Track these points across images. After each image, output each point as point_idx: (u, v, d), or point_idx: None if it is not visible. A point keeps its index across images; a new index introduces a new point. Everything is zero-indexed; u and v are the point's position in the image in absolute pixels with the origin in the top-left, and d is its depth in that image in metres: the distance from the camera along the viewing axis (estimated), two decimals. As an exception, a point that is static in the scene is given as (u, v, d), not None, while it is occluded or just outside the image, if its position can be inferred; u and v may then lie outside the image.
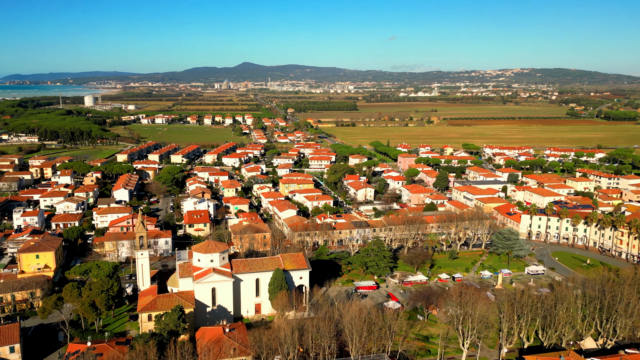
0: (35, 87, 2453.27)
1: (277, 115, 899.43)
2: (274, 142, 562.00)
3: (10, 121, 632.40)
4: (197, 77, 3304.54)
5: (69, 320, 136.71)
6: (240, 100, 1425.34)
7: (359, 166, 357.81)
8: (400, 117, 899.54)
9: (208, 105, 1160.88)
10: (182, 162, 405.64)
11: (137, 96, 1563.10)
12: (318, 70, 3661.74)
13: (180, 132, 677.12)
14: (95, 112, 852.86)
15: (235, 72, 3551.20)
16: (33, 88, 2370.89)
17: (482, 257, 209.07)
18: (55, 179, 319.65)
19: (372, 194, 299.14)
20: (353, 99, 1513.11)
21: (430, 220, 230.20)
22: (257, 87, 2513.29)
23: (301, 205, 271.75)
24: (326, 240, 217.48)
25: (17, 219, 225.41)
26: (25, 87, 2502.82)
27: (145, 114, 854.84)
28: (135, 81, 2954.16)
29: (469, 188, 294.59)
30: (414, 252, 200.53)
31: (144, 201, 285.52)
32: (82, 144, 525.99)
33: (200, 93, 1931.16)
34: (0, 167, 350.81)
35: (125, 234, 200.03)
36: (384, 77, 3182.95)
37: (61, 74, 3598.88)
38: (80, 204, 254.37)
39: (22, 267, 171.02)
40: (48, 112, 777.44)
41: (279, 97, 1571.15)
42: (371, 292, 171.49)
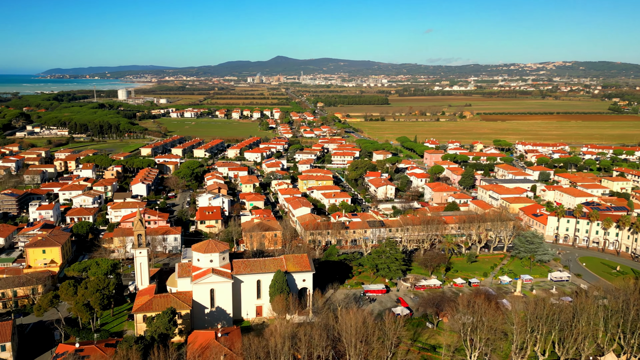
0: (74, 81, 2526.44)
1: (306, 110, 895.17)
2: (300, 137, 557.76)
3: (44, 114, 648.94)
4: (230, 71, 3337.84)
5: (65, 318, 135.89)
6: (271, 94, 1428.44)
7: (381, 162, 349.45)
8: (431, 112, 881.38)
9: (238, 99, 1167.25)
10: (204, 157, 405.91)
11: (170, 90, 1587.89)
12: (352, 63, 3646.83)
13: (208, 126, 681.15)
14: (127, 106, 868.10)
15: (269, 65, 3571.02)
16: (72, 82, 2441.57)
17: (502, 261, 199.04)
18: (77, 173, 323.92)
19: (393, 191, 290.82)
20: (385, 93, 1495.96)
21: (449, 220, 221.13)
22: (290, 81, 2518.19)
23: (318, 203, 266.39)
24: (339, 240, 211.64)
25: (33, 212, 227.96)
26: (65, 81, 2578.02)
27: (175, 107, 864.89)
28: (171, 75, 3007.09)
29: (495, 187, 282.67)
30: (430, 255, 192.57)
31: (162, 196, 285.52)
32: (110, 137, 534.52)
33: (233, 87, 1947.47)
34: (27, 160, 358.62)
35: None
36: (419, 70, 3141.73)
37: (100, 68, 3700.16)
38: (96, 198, 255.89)
39: (29, 262, 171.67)
40: (81, 105, 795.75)
41: (310, 91, 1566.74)
42: (380, 296, 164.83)
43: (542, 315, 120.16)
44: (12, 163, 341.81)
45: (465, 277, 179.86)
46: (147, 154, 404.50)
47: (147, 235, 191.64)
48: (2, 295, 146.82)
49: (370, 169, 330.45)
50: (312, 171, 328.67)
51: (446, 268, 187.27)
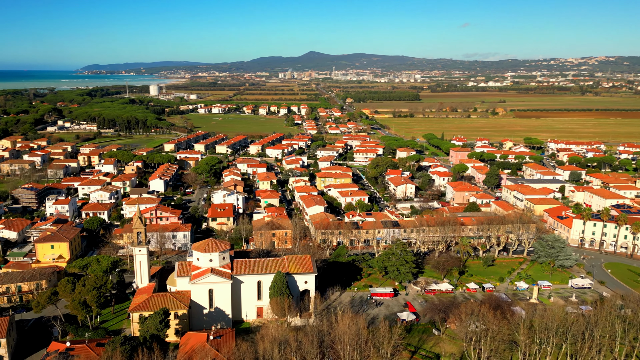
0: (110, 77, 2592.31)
1: (334, 106, 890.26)
2: (324, 134, 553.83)
3: (75, 109, 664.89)
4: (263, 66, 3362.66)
5: (66, 315, 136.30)
6: (301, 90, 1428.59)
7: (403, 160, 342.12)
8: (463, 108, 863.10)
9: (267, 95, 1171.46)
10: (226, 153, 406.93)
11: (202, 86, 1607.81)
12: (385, 59, 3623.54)
13: (234, 121, 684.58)
14: (157, 101, 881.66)
15: (301, 61, 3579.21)
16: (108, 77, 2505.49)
17: (521, 265, 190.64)
18: (99, 168, 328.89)
19: (413, 190, 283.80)
20: (417, 89, 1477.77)
21: (467, 222, 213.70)
22: (321, 77, 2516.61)
23: (334, 201, 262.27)
24: (352, 240, 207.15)
25: (50, 207, 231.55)
26: (101, 77, 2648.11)
27: (204, 103, 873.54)
28: (204, 71, 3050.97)
29: (520, 187, 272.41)
30: (444, 257, 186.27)
31: (179, 192, 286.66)
32: (137, 132, 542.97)
33: (264, 83, 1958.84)
34: (52, 155, 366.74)
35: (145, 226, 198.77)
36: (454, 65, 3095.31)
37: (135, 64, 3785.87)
38: (113, 193, 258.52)
39: (38, 257, 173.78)
40: (112, 100, 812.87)
41: (340, 87, 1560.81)
42: (388, 300, 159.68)
43: (552, 327, 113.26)
44: (38, 157, 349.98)
45: (479, 281, 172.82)
46: (170, 149, 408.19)
47: (157, 231, 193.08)
48: (7, 290, 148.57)
49: (391, 167, 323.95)
50: (332, 168, 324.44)
51: (460, 272, 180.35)
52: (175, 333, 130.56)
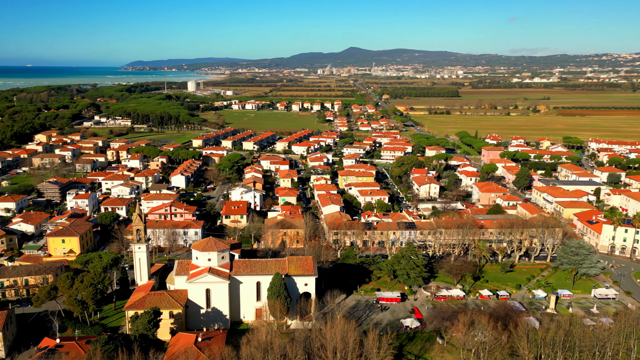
0: (153, 73, 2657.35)
1: (369, 102, 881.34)
2: (355, 130, 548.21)
3: (112, 105, 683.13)
4: (302, 62, 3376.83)
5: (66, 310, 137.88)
6: (338, 86, 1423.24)
7: (429, 159, 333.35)
8: (503, 105, 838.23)
9: (303, 91, 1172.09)
10: (252, 149, 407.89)
11: (240, 82, 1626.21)
12: (427, 54, 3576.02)
13: (266, 118, 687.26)
14: (193, 97, 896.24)
15: (341, 57, 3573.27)
16: (151, 74, 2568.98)
17: (543, 272, 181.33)
18: (125, 163, 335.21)
19: (437, 190, 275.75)
20: (457, 85, 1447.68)
21: (488, 224, 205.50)
22: (360, 73, 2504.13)
23: (354, 200, 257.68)
24: (365, 241, 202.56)
25: (70, 201, 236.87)
26: (144, 73, 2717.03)
27: (239, 99, 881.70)
28: (244, 67, 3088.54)
29: (550, 189, 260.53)
30: (460, 262, 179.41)
31: (201, 188, 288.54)
32: (170, 128, 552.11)
33: (302, 79, 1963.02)
34: (83, 149, 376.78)
35: (156, 222, 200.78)
36: (499, 61, 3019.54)
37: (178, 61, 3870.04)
38: (134, 189, 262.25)
39: (50, 251, 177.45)
40: (149, 96, 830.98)
41: (379, 83, 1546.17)
42: (394, 305, 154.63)
43: (557, 340, 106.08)
44: (69, 152, 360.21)
45: (494, 288, 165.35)
46: (198, 145, 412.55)
47: (168, 228, 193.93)
48: (15, 283, 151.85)
49: (416, 166, 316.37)
50: (355, 166, 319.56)
51: (475, 277, 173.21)
52: (170, 332, 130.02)
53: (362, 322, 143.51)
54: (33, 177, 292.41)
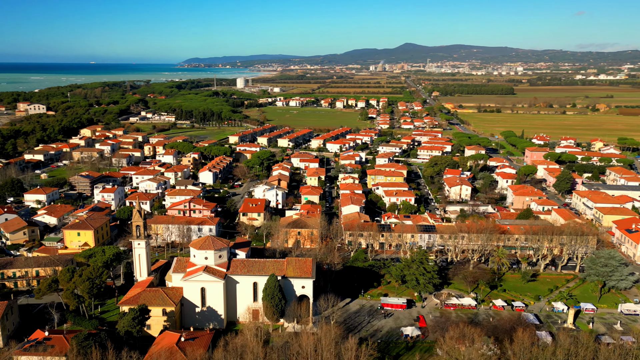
0: (207, 70, 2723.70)
1: (416, 99, 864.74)
2: (396, 128, 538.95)
3: (159, 101, 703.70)
4: (355, 59, 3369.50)
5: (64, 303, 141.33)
6: (388, 83, 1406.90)
7: (464, 159, 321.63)
8: (559, 104, 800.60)
9: (351, 88, 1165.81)
10: (286, 146, 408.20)
11: (290, 79, 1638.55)
12: (486, 50, 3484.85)
13: (309, 115, 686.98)
14: (240, 94, 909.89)
15: (395, 53, 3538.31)
16: (206, 70, 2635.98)
17: (568, 283, 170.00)
18: (159, 158, 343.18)
19: (469, 192, 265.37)
20: (514, 82, 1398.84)
21: (515, 230, 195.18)
22: (414, 69, 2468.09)
23: (379, 200, 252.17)
24: (382, 244, 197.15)
25: (97, 195, 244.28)
26: (199, 70, 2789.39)
27: (284, 96, 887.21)
28: (296, 64, 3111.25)
29: (591, 193, 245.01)
30: (476, 269, 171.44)
31: (228, 184, 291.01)
32: (211, 124, 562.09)
33: (352, 75, 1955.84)
34: (122, 144, 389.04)
35: (173, 218, 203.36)
36: (563, 57, 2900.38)
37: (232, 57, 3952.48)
38: (161, 184, 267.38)
39: (66, 243, 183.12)
40: (197, 93, 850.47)
41: (431, 80, 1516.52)
42: (399, 311, 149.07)
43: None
44: (108, 146, 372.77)
45: (511, 298, 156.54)
46: (235, 141, 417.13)
47: (182, 224, 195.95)
48: (26, 274, 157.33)
49: (451, 166, 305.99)
50: (385, 166, 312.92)
51: (492, 286, 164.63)
52: (163, 329, 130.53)
53: (362, 328, 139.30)
54: (69, 170, 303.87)
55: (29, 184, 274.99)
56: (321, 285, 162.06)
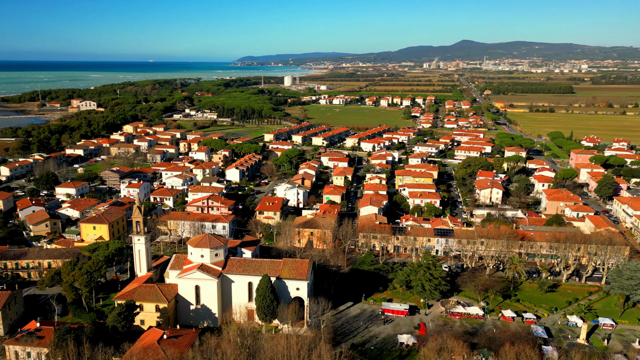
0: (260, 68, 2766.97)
1: (465, 98, 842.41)
2: (439, 127, 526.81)
3: (204, 98, 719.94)
4: (409, 56, 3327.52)
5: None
6: (440, 80, 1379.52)
7: (498, 161, 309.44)
8: (620, 104, 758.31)
9: (400, 86, 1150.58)
10: (322, 145, 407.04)
11: (339, 76, 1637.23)
12: (549, 47, 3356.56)
13: (351, 113, 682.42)
14: (285, 92, 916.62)
15: (451, 50, 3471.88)
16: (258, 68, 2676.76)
17: (591, 295, 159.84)
18: (192, 155, 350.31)
19: (500, 195, 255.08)
20: (575, 81, 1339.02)
21: (539, 237, 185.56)
22: (470, 67, 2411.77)
23: (404, 202, 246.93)
24: (397, 247, 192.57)
25: (123, 190, 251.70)
26: (252, 68, 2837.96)
27: (329, 94, 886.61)
28: (348, 61, 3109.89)
29: (633, 200, 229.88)
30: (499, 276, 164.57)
31: (255, 182, 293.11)
32: (252, 122, 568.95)
33: (404, 73, 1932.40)
34: (160, 140, 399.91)
35: (188, 214, 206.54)
36: (634, 54, 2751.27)
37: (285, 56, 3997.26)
38: (187, 180, 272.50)
39: (82, 236, 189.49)
40: (242, 91, 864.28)
41: (485, 78, 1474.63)
42: (400, 318, 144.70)
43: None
44: (145, 142, 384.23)
45: (523, 309, 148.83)
46: (270, 139, 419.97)
47: (198, 221, 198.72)
48: (39, 265, 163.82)
49: (484, 168, 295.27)
50: (417, 166, 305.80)
51: (505, 295, 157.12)
52: (157, 326, 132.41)
53: (357, 334, 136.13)
54: (104, 165, 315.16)
55: (64, 177, 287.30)
56: (325, 287, 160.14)
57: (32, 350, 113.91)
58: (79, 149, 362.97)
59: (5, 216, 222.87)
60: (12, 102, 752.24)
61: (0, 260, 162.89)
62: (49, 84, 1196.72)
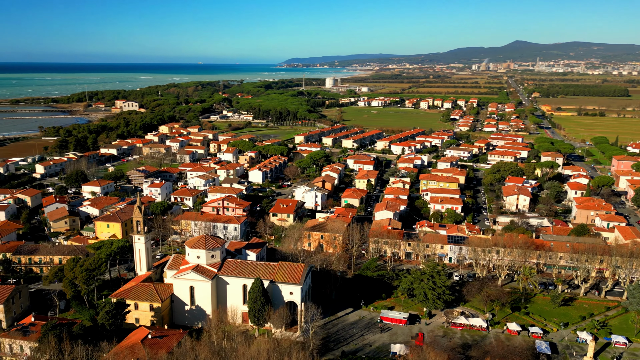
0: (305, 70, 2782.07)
1: (511, 101, 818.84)
2: (477, 131, 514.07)
3: (241, 100, 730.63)
4: (459, 57, 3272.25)
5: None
6: (487, 82, 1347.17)
7: (529, 166, 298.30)
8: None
9: (444, 88, 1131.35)
10: (352, 147, 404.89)
11: (383, 78, 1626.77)
12: (608, 47, 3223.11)
13: (388, 115, 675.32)
14: (324, 94, 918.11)
15: (503, 51, 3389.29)
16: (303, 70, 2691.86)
17: (608, 311, 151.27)
18: (219, 156, 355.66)
19: (527, 202, 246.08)
20: (634, 83, 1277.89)
21: (560, 248, 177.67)
22: (521, 69, 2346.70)
23: (424, 207, 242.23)
24: (409, 253, 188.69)
25: (146, 189, 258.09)
26: (296, 70, 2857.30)
27: (368, 96, 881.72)
28: (395, 63, 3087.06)
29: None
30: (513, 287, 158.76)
31: (278, 184, 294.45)
32: (286, 123, 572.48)
33: (451, 75, 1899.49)
34: (192, 141, 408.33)
35: (201, 215, 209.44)
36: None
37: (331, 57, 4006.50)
38: (209, 181, 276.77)
39: (97, 234, 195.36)
40: (281, 93, 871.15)
41: (536, 80, 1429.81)
42: (398, 327, 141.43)
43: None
44: (177, 143, 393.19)
45: (531, 322, 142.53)
46: (300, 141, 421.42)
47: (210, 221, 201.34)
48: (51, 260, 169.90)
49: (514, 173, 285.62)
50: (445, 170, 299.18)
51: (514, 307, 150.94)
52: (151, 325, 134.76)
53: (351, 341, 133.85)
54: (131, 165, 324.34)
55: (93, 176, 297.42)
56: (327, 292, 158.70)
57: (24, 344, 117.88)
58: (112, 149, 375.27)
59: (32, 212, 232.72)
60: (61, 103, 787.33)
61: (15, 255, 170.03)
62: (99, 85, 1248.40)
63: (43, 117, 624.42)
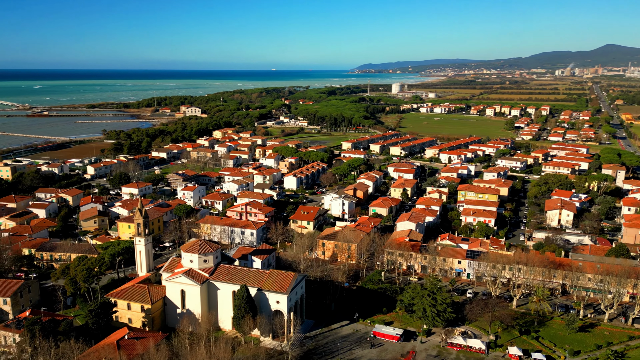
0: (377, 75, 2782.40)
1: (588, 108, 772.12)
2: (541, 140, 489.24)
3: (299, 106, 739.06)
4: (542, 62, 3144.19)
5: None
6: (568, 89, 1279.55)
7: (580, 179, 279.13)
8: None
9: (518, 94, 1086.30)
10: (400, 154, 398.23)
11: (455, 84, 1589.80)
12: None
13: (449, 122, 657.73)
14: (387, 100, 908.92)
15: (592, 55, 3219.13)
16: (375, 76, 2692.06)
17: (630, 340, 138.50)
18: (262, 161, 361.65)
19: (570, 218, 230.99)
20: None
21: (588, 268, 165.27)
22: (611, 74, 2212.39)
23: (455, 220, 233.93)
24: (424, 267, 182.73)
25: (179, 192, 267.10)
26: (369, 75, 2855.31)
27: (432, 102, 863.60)
28: (472, 68, 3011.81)
29: None
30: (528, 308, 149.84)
31: (312, 190, 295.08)
32: (341, 129, 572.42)
33: (530, 80, 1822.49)
34: (239, 146, 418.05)
35: (221, 219, 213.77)
36: None
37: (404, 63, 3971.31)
38: (243, 186, 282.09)
39: (119, 234, 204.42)
40: (342, 99, 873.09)
41: (625, 86, 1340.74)
42: (390, 343, 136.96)
43: None
44: (224, 148, 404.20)
45: (538, 348, 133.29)
46: (347, 148, 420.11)
47: (229, 226, 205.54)
48: (69, 258, 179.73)
49: (563, 187, 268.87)
50: (486, 181, 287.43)
51: (524, 330, 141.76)
52: (142, 325, 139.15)
53: (337, 355, 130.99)
54: (173, 168, 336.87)
55: (137, 178, 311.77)
56: (327, 303, 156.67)
57: (16, 337, 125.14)
58: (163, 152, 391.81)
59: (71, 211, 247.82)
60: (131, 108, 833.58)
61: (38, 251, 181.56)
62: (174, 90, 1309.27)
63: (112, 121, 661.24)
